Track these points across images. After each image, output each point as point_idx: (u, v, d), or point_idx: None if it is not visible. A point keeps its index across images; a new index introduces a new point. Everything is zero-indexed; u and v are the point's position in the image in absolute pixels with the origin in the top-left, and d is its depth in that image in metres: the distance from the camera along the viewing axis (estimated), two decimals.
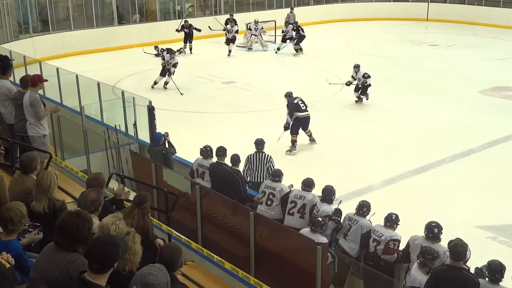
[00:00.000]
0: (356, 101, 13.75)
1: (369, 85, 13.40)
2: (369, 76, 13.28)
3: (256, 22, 20.69)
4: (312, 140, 11.07)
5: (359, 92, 13.58)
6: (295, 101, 10.60)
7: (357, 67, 13.49)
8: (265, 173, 7.96)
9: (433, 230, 5.62)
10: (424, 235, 5.70)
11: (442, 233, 5.65)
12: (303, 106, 10.59)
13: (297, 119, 10.60)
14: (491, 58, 19.22)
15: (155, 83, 15.34)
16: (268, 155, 8.09)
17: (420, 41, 22.61)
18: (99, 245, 3.19)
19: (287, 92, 10.98)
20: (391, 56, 19.68)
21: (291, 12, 22.52)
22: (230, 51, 19.85)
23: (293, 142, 10.72)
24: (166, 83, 15.27)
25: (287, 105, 10.76)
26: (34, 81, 7.04)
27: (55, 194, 4.66)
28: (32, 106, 6.90)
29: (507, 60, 18.85)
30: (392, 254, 5.94)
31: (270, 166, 7.97)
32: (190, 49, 20.28)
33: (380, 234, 6.03)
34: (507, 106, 13.88)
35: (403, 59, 19.11)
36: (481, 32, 23.89)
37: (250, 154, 8.11)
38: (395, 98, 14.51)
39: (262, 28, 20.97)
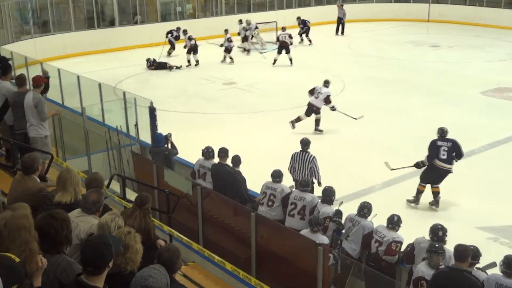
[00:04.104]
0: None
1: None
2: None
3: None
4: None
5: None
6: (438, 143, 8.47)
7: None
8: (306, 173, 7.99)
9: (437, 233, 5.61)
10: (429, 238, 5.70)
11: (447, 235, 5.65)
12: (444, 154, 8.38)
13: (434, 166, 8.48)
14: (493, 59, 19.20)
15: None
16: (312, 155, 8.07)
17: (422, 42, 22.58)
18: (91, 246, 3.11)
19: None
20: (392, 57, 19.67)
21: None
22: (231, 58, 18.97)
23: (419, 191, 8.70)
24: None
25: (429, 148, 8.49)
26: (37, 82, 7.01)
27: (80, 187, 4.74)
28: (36, 107, 6.86)
29: (509, 61, 18.83)
30: (393, 256, 5.94)
31: (313, 167, 7.98)
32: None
33: (383, 235, 6.03)
34: (508, 107, 13.85)
35: (404, 60, 19.10)
36: (483, 33, 23.86)
37: (295, 152, 8.18)
38: (396, 98, 14.52)
39: (256, 27, 20.91)
